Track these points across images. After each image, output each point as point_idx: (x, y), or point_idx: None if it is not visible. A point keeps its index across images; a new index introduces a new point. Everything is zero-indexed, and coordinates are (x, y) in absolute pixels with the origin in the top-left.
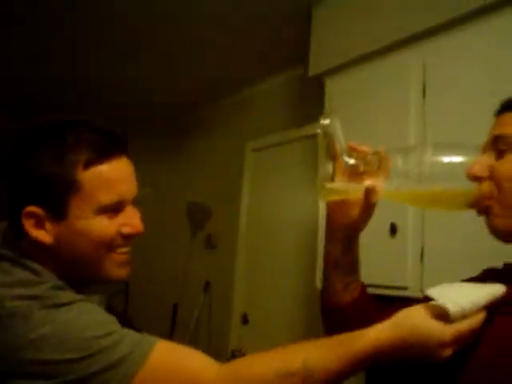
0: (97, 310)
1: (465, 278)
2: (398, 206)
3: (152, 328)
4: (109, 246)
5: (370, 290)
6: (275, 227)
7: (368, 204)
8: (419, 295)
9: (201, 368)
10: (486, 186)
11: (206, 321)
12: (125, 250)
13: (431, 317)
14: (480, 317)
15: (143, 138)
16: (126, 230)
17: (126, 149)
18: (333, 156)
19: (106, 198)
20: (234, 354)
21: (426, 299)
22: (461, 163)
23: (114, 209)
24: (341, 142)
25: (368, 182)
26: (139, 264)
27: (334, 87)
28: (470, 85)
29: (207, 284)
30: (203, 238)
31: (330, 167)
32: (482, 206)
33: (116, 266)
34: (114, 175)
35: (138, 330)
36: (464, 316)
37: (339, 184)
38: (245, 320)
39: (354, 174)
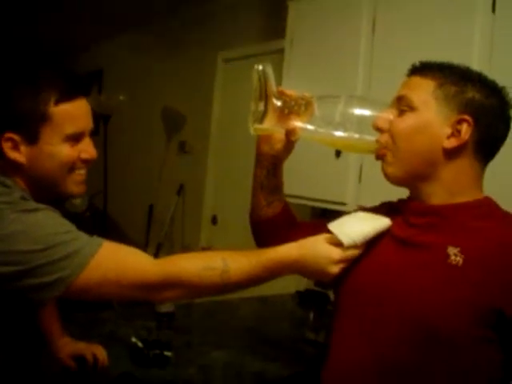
0: (58, 215)
1: (392, 198)
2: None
3: (130, 226)
4: (70, 167)
5: (314, 204)
6: (244, 135)
7: (288, 141)
8: None
9: (141, 260)
10: (384, 138)
11: (179, 221)
12: (82, 171)
13: (328, 243)
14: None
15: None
16: (84, 155)
17: (88, 91)
18: (264, 97)
19: (71, 129)
20: (204, 251)
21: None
22: (370, 116)
23: (76, 138)
24: (272, 86)
25: (291, 123)
26: (117, 167)
27: (296, 11)
28: (418, 23)
29: (181, 187)
30: (177, 143)
31: (261, 106)
32: (379, 154)
33: (75, 184)
34: (77, 112)
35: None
36: (356, 246)
37: (266, 125)
38: (214, 221)
39: (282, 114)
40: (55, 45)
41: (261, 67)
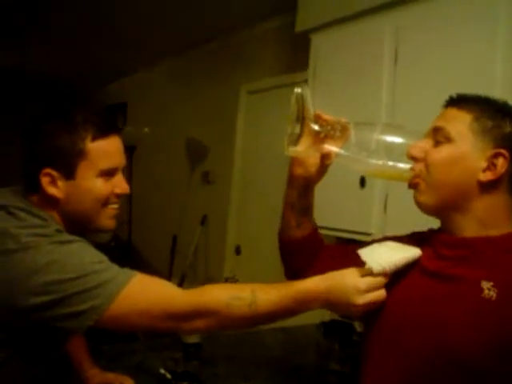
0: (91, 247)
1: (416, 229)
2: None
3: (154, 256)
4: (104, 201)
5: (339, 234)
6: (267, 166)
7: (322, 165)
8: None
9: (171, 291)
10: (419, 167)
11: (202, 251)
12: (115, 206)
13: (356, 275)
14: (388, 278)
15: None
16: (117, 190)
17: (120, 130)
18: (301, 120)
19: (105, 164)
20: (227, 281)
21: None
22: (405, 144)
23: (110, 173)
24: (309, 109)
25: (326, 147)
26: (142, 198)
27: (318, 43)
28: (440, 54)
29: (204, 217)
30: (201, 174)
31: (298, 128)
32: (412, 182)
33: (108, 218)
34: (112, 148)
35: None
36: (386, 274)
37: (301, 148)
38: (238, 251)
39: (317, 137)
40: (81, 79)
41: (300, 90)
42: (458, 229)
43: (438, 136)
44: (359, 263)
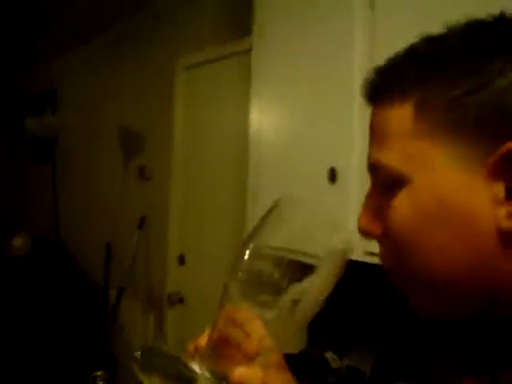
0: None
1: None
2: (338, 147)
3: (89, 267)
4: None
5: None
6: (213, 156)
7: None
8: (363, 258)
9: None
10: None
11: (142, 260)
12: None
13: None
14: None
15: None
16: None
17: None
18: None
19: None
20: (172, 300)
21: None
22: None
23: None
24: None
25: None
26: (69, 199)
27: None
28: None
29: (142, 219)
30: (137, 168)
31: None
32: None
33: None
34: None
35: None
36: None
37: None
38: (181, 261)
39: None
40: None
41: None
42: None
43: (381, 180)
44: None
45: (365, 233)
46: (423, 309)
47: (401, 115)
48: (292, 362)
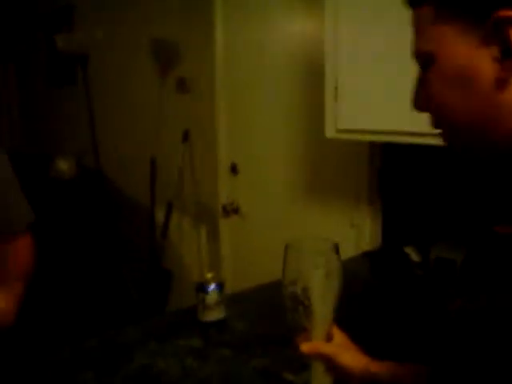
0: None
1: None
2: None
3: (132, 187)
4: None
5: None
6: (261, 63)
7: None
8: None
9: None
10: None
11: (189, 174)
12: None
13: None
14: None
15: None
16: None
17: None
18: None
19: None
20: (226, 210)
21: None
22: None
23: None
24: None
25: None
26: (105, 119)
27: None
28: None
29: (186, 133)
30: (175, 81)
31: None
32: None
33: None
34: None
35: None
36: None
37: None
38: (234, 170)
39: None
40: None
41: None
42: None
43: (420, 63)
44: None
45: (419, 108)
46: (457, 147)
47: (426, 12)
48: (371, 257)
